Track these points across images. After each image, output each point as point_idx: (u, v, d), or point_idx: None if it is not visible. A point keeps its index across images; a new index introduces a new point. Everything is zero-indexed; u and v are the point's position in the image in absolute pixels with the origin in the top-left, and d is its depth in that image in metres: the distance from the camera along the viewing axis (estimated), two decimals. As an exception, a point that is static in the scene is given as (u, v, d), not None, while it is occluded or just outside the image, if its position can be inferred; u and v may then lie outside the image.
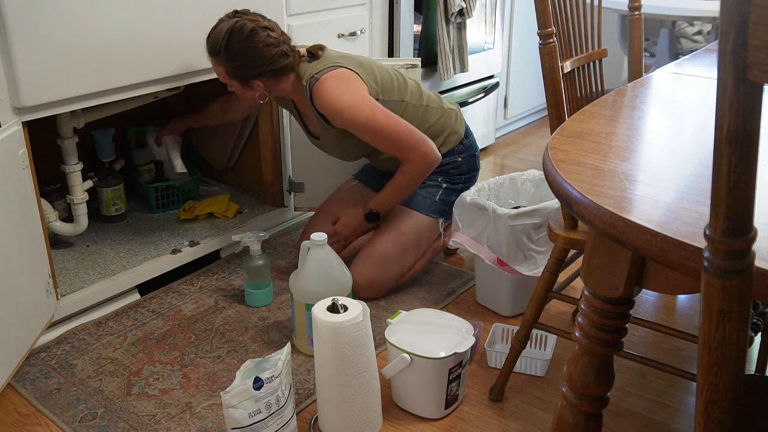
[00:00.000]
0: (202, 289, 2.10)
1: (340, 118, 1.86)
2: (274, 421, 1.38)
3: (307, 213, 2.53)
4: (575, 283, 2.01)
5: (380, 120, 1.87)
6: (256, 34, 1.79)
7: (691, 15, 2.88)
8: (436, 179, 2.07)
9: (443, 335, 1.55)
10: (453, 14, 2.71)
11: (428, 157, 1.92)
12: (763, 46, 0.53)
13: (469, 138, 2.14)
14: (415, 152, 1.91)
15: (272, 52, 1.81)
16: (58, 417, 1.56)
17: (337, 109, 1.85)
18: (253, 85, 1.86)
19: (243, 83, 1.86)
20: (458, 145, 2.10)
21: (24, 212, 1.64)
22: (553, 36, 1.38)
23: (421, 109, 2.03)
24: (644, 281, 0.93)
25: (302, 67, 1.91)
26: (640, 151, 1.08)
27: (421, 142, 1.91)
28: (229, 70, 1.83)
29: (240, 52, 1.79)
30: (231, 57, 1.80)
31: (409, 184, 1.97)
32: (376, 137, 1.89)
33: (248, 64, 1.82)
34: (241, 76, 1.84)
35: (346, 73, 1.89)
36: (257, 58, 1.81)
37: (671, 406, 1.61)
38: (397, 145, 1.90)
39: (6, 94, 1.59)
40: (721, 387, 0.67)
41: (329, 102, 1.85)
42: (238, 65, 1.81)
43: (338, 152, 2.07)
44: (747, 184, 0.59)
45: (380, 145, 1.93)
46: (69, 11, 1.64)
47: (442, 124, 2.06)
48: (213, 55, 1.84)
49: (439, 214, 2.05)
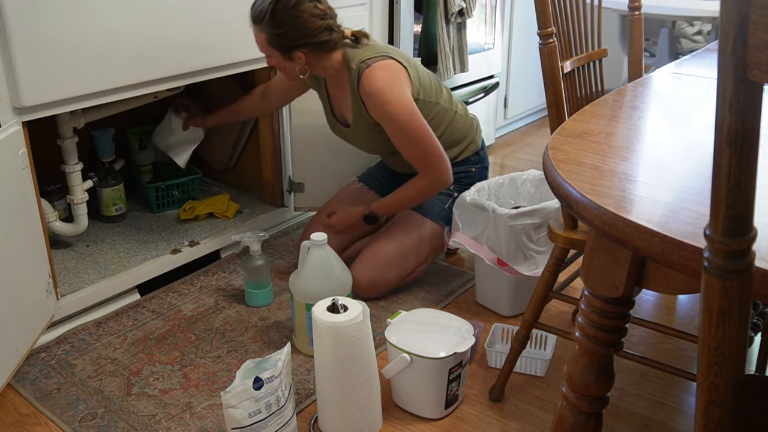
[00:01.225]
0: (202, 289, 2.10)
1: (381, 110, 1.85)
2: (274, 421, 1.38)
3: (307, 213, 2.53)
4: (575, 283, 2.01)
5: (416, 125, 1.86)
6: (302, 3, 1.77)
7: (691, 15, 2.88)
8: (449, 187, 2.05)
9: (443, 335, 1.55)
10: (453, 14, 2.70)
11: (443, 176, 1.92)
12: (763, 46, 0.53)
13: (484, 150, 2.15)
14: (434, 168, 1.90)
15: (317, 24, 1.79)
16: (58, 417, 1.56)
17: (383, 100, 1.83)
18: (294, 56, 1.83)
19: (284, 54, 1.83)
20: (474, 156, 2.11)
21: (24, 212, 1.64)
22: (553, 36, 1.38)
23: (450, 114, 2.03)
24: (644, 281, 0.93)
25: (350, 51, 1.89)
26: (640, 151, 1.08)
27: (442, 160, 1.91)
28: (271, 38, 1.80)
29: (285, 20, 1.76)
30: (275, 24, 1.77)
31: (416, 198, 1.97)
32: (405, 140, 1.88)
33: (292, 33, 1.78)
34: (283, 45, 1.81)
35: (396, 66, 1.88)
36: (301, 28, 1.78)
37: (671, 406, 1.61)
38: (421, 154, 1.89)
39: (6, 94, 1.59)
40: (721, 387, 0.67)
41: (377, 92, 1.83)
42: (282, 33, 1.78)
43: (366, 142, 2.04)
44: (747, 185, 0.59)
45: (404, 149, 1.91)
46: (69, 11, 1.64)
47: (465, 132, 2.07)
48: (256, 22, 1.80)
49: (446, 222, 2.05)
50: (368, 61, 1.85)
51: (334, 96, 2.02)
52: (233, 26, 2.02)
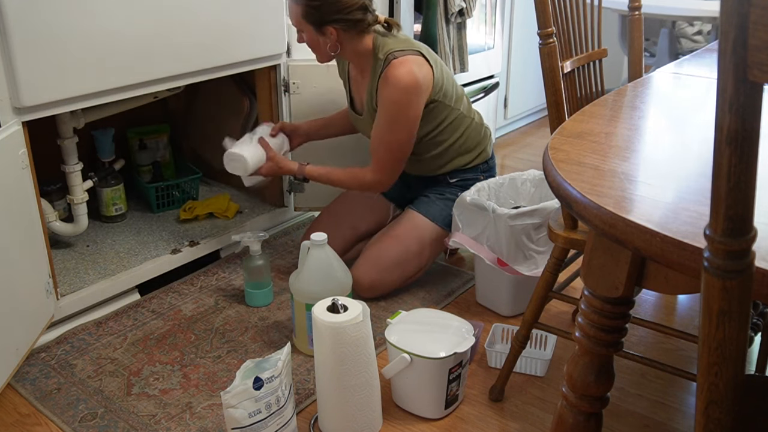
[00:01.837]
0: (202, 289, 2.10)
1: (386, 95, 1.85)
2: (274, 421, 1.38)
3: (307, 213, 2.53)
4: (575, 283, 2.01)
5: (399, 128, 1.87)
6: None
7: (691, 15, 2.88)
8: (456, 193, 2.04)
9: (443, 335, 1.55)
10: (453, 14, 2.70)
11: (385, 183, 1.97)
12: (763, 46, 0.53)
13: (493, 159, 2.16)
14: (386, 173, 1.94)
15: (353, 1, 1.81)
16: (58, 417, 1.56)
17: (395, 91, 1.83)
18: (326, 31, 1.83)
19: (317, 28, 1.84)
20: (483, 164, 2.11)
21: (24, 212, 1.64)
22: (553, 36, 1.38)
23: (468, 121, 2.04)
24: (644, 281, 0.93)
25: (380, 39, 1.90)
26: (640, 151, 1.08)
27: (396, 171, 1.95)
28: (306, 10, 1.82)
29: None
30: None
31: (347, 184, 2.00)
32: (380, 131, 1.89)
33: (328, 7, 1.80)
34: (317, 19, 1.82)
35: (425, 67, 1.87)
36: (337, 2, 1.80)
37: (671, 406, 1.61)
38: (385, 155, 1.91)
39: (6, 94, 1.59)
40: (721, 387, 0.67)
41: (394, 82, 1.83)
42: (318, 6, 1.80)
43: None
44: (747, 185, 0.59)
45: (374, 137, 1.93)
46: (69, 11, 1.64)
47: (478, 141, 2.09)
48: None
49: (450, 227, 2.04)
50: (397, 53, 1.85)
51: (355, 81, 2.03)
52: (233, 26, 2.03)
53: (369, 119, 1.99)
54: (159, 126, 2.59)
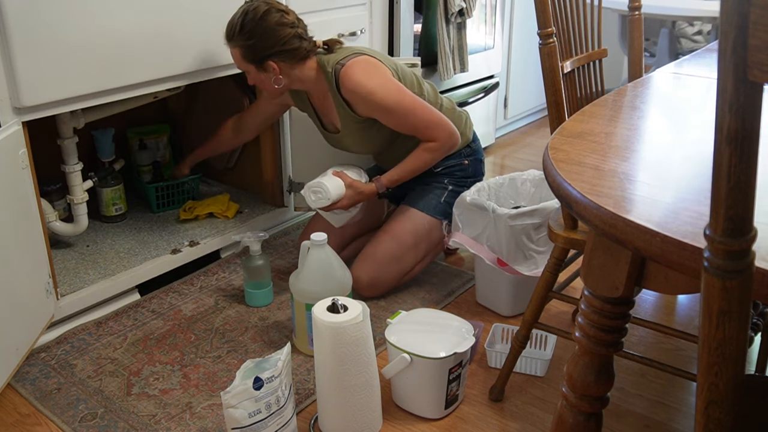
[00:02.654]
0: (202, 289, 2.10)
1: (369, 101, 1.88)
2: (274, 421, 1.38)
3: (307, 213, 2.53)
4: (575, 283, 2.01)
5: (408, 101, 1.91)
6: (270, 14, 1.82)
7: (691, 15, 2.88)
8: (442, 181, 2.07)
9: (443, 335, 1.55)
10: (453, 14, 2.71)
11: (453, 136, 1.97)
12: (763, 46, 0.53)
13: (476, 143, 2.16)
14: (442, 131, 1.95)
15: (286, 32, 1.84)
16: (58, 417, 1.56)
17: (368, 91, 1.87)
18: (268, 66, 1.86)
19: (258, 65, 1.87)
20: (466, 148, 2.11)
21: (24, 212, 1.64)
22: (553, 36, 1.38)
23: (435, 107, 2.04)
24: (644, 281, 0.93)
25: (323, 58, 1.94)
26: (640, 151, 1.08)
27: (447, 122, 1.96)
28: (244, 51, 1.85)
29: (253, 31, 1.82)
30: (245, 36, 1.82)
31: (428, 160, 1.99)
32: (404, 119, 1.92)
33: (261, 43, 1.83)
34: (255, 57, 1.85)
35: (371, 60, 1.93)
36: (270, 37, 1.83)
37: (671, 406, 1.61)
38: (425, 124, 1.93)
39: (6, 94, 1.59)
40: (721, 387, 0.67)
41: (359, 85, 1.87)
42: (252, 44, 1.83)
43: (359, 143, 2.06)
44: (747, 185, 0.59)
45: (406, 127, 1.94)
46: (69, 11, 1.64)
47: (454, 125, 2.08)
48: (229, 39, 1.86)
49: (443, 216, 2.05)
50: (342, 61, 1.90)
51: (320, 108, 2.05)
52: (233, 26, 2.03)
53: (350, 132, 2.01)
54: (159, 126, 2.59)
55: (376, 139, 2.01)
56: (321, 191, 1.94)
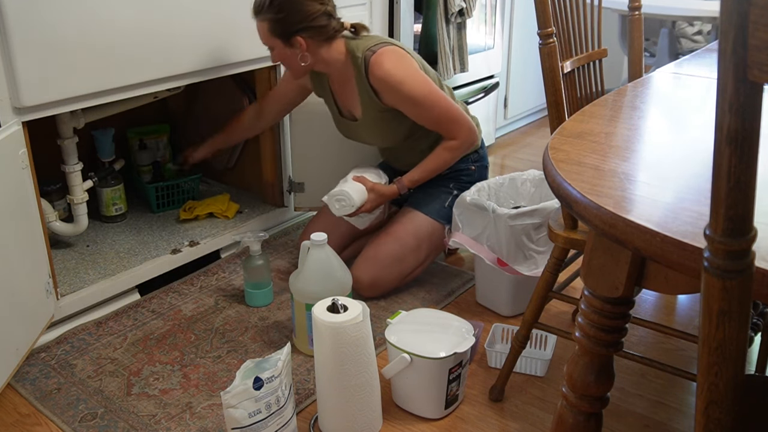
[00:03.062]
0: (202, 289, 2.10)
1: (399, 90, 1.89)
2: (274, 421, 1.38)
3: (307, 213, 2.53)
4: (575, 283, 2.01)
5: (436, 94, 1.92)
6: None
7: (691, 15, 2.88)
8: (448, 185, 2.07)
9: (443, 335, 1.55)
10: (453, 14, 2.70)
11: (473, 134, 2.00)
12: (763, 46, 0.53)
13: (484, 149, 2.17)
14: (464, 128, 1.97)
15: (315, 8, 1.84)
16: (58, 417, 1.56)
17: (398, 80, 1.88)
18: (295, 42, 1.85)
19: (285, 41, 1.85)
20: (473, 154, 2.11)
21: (24, 212, 1.64)
22: (553, 36, 1.38)
23: None
24: (644, 281, 0.93)
25: (352, 42, 1.94)
26: (640, 151, 1.08)
27: (468, 119, 1.99)
28: (272, 25, 1.83)
29: (283, 4, 1.81)
30: (275, 9, 1.81)
31: (449, 160, 2.01)
32: (430, 111, 1.93)
33: (291, 17, 1.82)
34: (283, 31, 1.84)
35: (400, 51, 1.93)
36: (300, 11, 1.82)
37: (671, 406, 1.61)
38: (449, 119, 1.95)
39: (6, 94, 1.59)
40: (721, 387, 0.67)
41: (388, 74, 1.87)
42: (281, 18, 1.82)
43: (375, 134, 2.06)
44: (747, 185, 0.59)
45: (431, 120, 1.95)
46: (69, 11, 1.64)
47: None
48: (258, 13, 1.85)
49: (446, 221, 2.05)
50: (374, 48, 1.90)
51: (340, 93, 2.03)
52: (233, 26, 2.03)
53: (369, 121, 1.99)
54: (159, 126, 2.59)
55: (394, 131, 2.01)
56: (344, 199, 1.94)
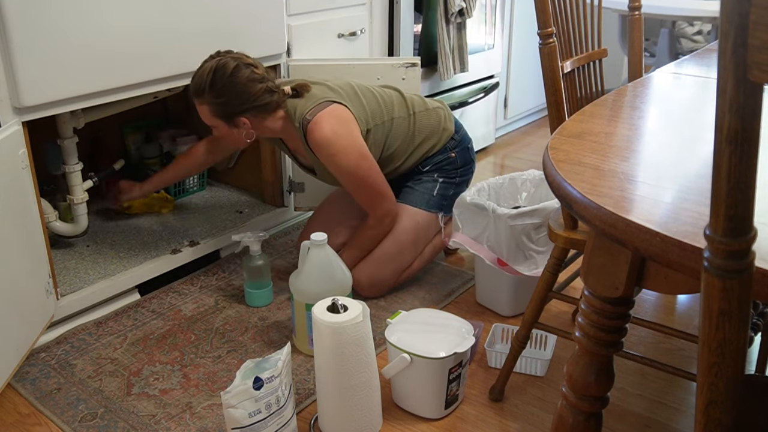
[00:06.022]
0: (202, 289, 2.10)
1: (330, 161, 1.88)
2: (274, 421, 1.38)
3: (307, 213, 2.53)
4: (575, 283, 2.01)
5: (363, 170, 1.90)
6: (240, 71, 1.77)
7: (691, 15, 2.88)
8: (432, 176, 2.08)
9: (443, 335, 1.55)
10: (453, 14, 2.70)
11: (389, 216, 1.99)
12: (763, 46, 0.53)
13: (460, 132, 2.15)
14: (383, 204, 1.96)
15: (257, 88, 1.80)
16: (58, 417, 1.56)
17: (330, 152, 1.86)
18: (239, 122, 1.83)
19: (228, 122, 1.83)
20: (450, 141, 2.11)
21: (24, 212, 1.64)
22: (553, 36, 1.38)
23: (408, 120, 2.04)
24: (644, 281, 0.93)
25: (291, 104, 1.89)
26: (640, 151, 1.08)
27: (390, 200, 1.97)
28: (214, 108, 1.80)
29: (224, 89, 1.77)
30: (216, 94, 1.77)
31: (375, 235, 2.00)
32: (354, 185, 1.93)
33: (233, 101, 1.79)
34: (226, 114, 1.81)
35: (338, 110, 1.88)
36: (242, 94, 1.78)
37: (671, 406, 1.61)
38: (370, 196, 1.94)
39: (6, 94, 1.59)
40: (721, 387, 0.67)
41: (323, 143, 1.85)
42: (223, 102, 1.79)
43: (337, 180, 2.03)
44: (747, 185, 0.59)
45: (353, 192, 1.95)
46: (69, 12, 1.64)
47: (431, 127, 2.07)
48: (197, 96, 1.80)
49: (438, 208, 2.06)
50: (308, 115, 1.86)
51: (294, 148, 2.03)
52: (233, 26, 2.03)
53: (325, 174, 2.00)
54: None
55: None
56: None
